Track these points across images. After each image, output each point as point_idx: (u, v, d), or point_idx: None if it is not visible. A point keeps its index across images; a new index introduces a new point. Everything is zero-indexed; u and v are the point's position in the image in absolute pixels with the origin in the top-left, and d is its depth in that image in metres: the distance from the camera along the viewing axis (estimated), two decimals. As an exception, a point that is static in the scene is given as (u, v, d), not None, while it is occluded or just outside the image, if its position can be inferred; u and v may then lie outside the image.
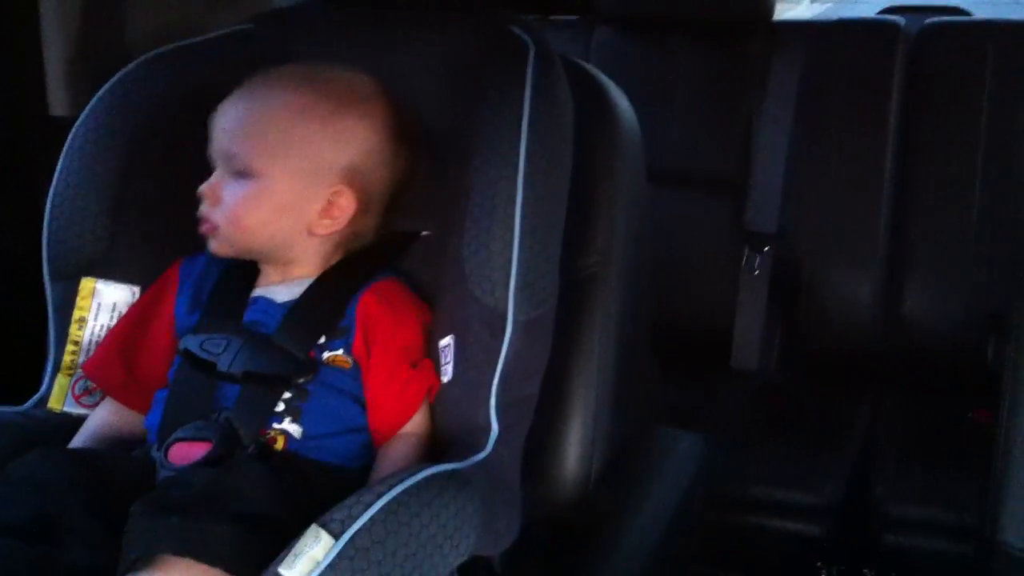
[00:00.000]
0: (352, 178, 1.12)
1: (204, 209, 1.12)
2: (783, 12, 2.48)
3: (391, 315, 1.11)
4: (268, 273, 1.16)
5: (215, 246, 1.13)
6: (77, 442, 1.14)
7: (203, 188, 1.12)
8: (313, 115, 1.10)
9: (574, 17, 2.45)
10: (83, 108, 1.26)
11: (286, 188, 1.10)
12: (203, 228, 1.13)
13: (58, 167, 1.22)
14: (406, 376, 1.08)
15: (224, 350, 1.08)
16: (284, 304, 1.12)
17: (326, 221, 1.12)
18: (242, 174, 1.10)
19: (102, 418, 1.17)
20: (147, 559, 0.86)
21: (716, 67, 2.29)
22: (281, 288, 1.14)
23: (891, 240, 2.12)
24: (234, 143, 1.10)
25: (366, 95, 1.14)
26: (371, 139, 1.13)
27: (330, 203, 1.12)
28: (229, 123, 1.11)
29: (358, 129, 1.12)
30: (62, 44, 1.50)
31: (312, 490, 0.98)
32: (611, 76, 1.29)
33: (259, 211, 1.10)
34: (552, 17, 2.35)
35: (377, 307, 1.11)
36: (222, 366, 1.07)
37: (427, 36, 1.23)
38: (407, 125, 1.16)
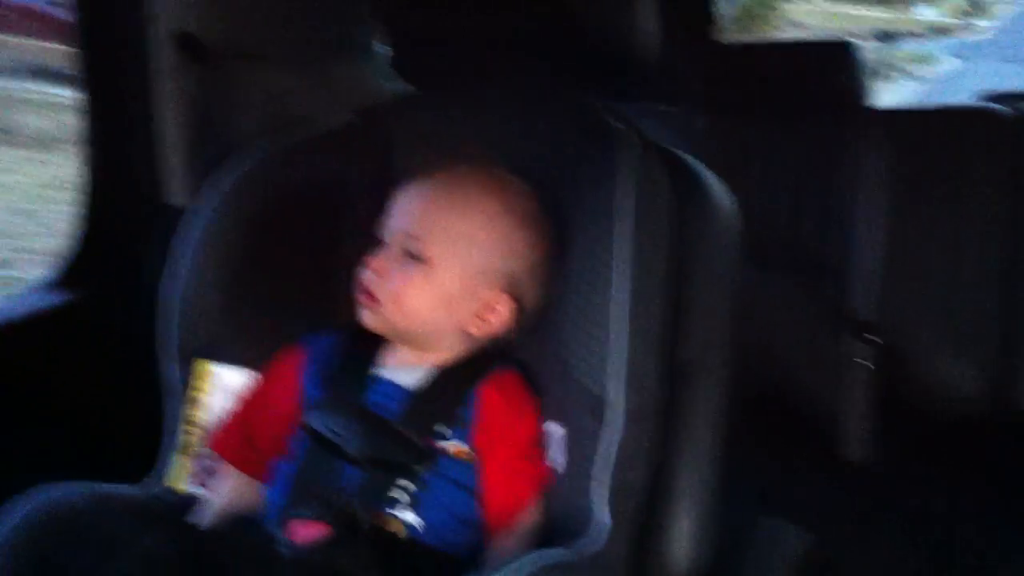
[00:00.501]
0: (514, 288, 1.15)
1: (368, 280, 1.15)
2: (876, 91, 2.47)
3: (509, 407, 1.12)
4: (396, 353, 1.18)
5: (368, 318, 1.16)
6: (197, 517, 1.18)
7: (371, 260, 1.15)
8: (499, 223, 1.14)
9: (661, 105, 2.48)
10: (196, 196, 1.32)
11: (454, 283, 1.13)
12: (362, 298, 1.15)
13: (175, 253, 1.27)
14: (521, 468, 1.10)
15: (349, 432, 1.10)
16: (407, 389, 1.14)
17: (479, 322, 1.15)
18: (415, 257, 1.13)
19: (226, 488, 1.20)
20: None
21: (811, 151, 2.30)
22: (405, 372, 1.16)
23: (1000, 327, 2.08)
24: (417, 226, 1.14)
25: (539, 215, 1.17)
26: (538, 258, 1.16)
27: (489, 306, 1.14)
28: (417, 208, 1.15)
29: (531, 246, 1.15)
30: (176, 133, 1.58)
31: (425, 578, 0.98)
32: (704, 162, 1.30)
33: (423, 297, 1.13)
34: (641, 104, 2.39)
35: (497, 398, 1.12)
36: (347, 448, 1.09)
37: (520, 126, 1.26)
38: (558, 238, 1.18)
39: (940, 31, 15.99)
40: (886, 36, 14.70)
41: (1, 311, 1.52)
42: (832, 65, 2.31)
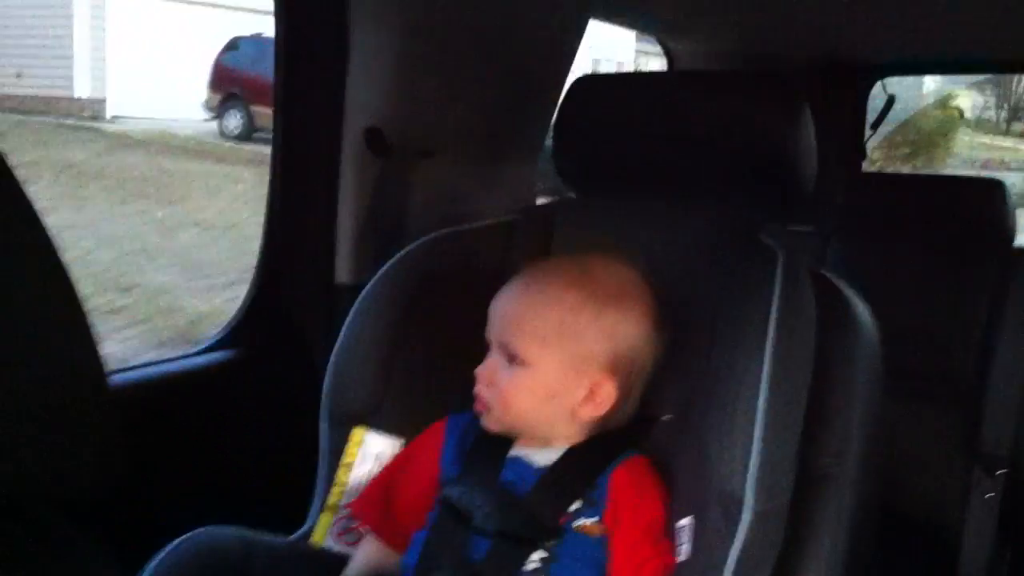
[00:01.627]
0: (615, 368, 1.19)
1: (479, 389, 1.22)
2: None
3: (640, 490, 1.16)
4: (528, 439, 1.24)
5: (486, 422, 1.22)
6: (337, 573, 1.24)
7: (479, 370, 1.22)
8: (583, 311, 1.18)
9: (810, 228, 2.52)
10: (363, 277, 1.42)
11: (554, 378, 1.18)
12: (476, 406, 1.22)
13: (344, 328, 1.37)
14: (648, 552, 1.13)
15: (481, 505, 1.16)
16: (539, 469, 1.20)
17: (588, 407, 1.19)
18: (515, 360, 1.19)
19: (366, 554, 1.27)
20: None
21: (952, 283, 2.30)
22: (538, 452, 1.21)
23: None
24: (510, 333, 1.20)
25: (630, 288, 1.22)
26: (633, 332, 1.20)
27: (593, 391, 1.19)
28: (506, 313, 1.21)
29: (623, 323, 1.19)
30: (352, 222, 1.70)
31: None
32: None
33: (529, 397, 1.19)
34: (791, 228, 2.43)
35: (629, 481, 1.17)
36: (477, 520, 1.15)
37: (678, 234, 1.33)
38: (663, 313, 1.23)
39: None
40: None
41: (175, 365, 1.63)
42: (981, 201, 2.33)
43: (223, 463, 1.57)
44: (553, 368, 1.18)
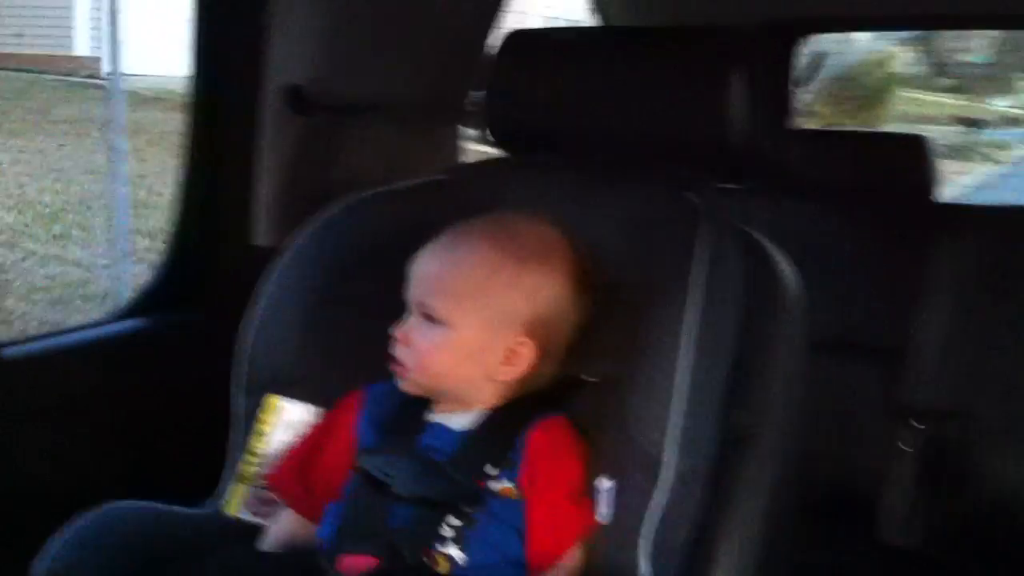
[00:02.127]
0: (535, 329, 1.17)
1: (396, 349, 1.19)
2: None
3: (557, 451, 1.15)
4: (446, 403, 1.22)
5: (403, 385, 1.20)
6: (259, 547, 1.22)
7: (395, 330, 1.19)
8: (503, 270, 1.16)
9: (737, 186, 2.52)
10: (282, 240, 1.38)
11: (472, 337, 1.16)
12: (393, 367, 1.20)
13: (261, 292, 1.33)
14: (566, 510, 1.12)
15: (399, 472, 1.14)
16: (458, 432, 1.18)
17: (507, 368, 1.17)
18: (433, 321, 1.17)
19: (281, 526, 1.24)
20: None
21: (877, 239, 2.31)
22: (456, 416, 1.20)
23: None
24: (427, 293, 1.18)
25: (552, 249, 1.20)
26: (555, 292, 1.18)
27: (512, 351, 1.17)
28: (424, 273, 1.19)
29: (544, 284, 1.17)
30: (271, 181, 1.65)
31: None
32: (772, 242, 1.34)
33: (446, 358, 1.17)
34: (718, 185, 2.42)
35: (545, 442, 1.15)
36: (395, 488, 1.13)
37: (608, 193, 1.31)
38: (588, 274, 1.21)
39: (1012, 121, 17.93)
40: (971, 123, 16.08)
41: (81, 335, 1.58)
42: (904, 156, 2.34)
43: (133, 435, 1.53)
44: (471, 328, 1.16)
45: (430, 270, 1.19)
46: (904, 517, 2.07)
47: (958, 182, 10.69)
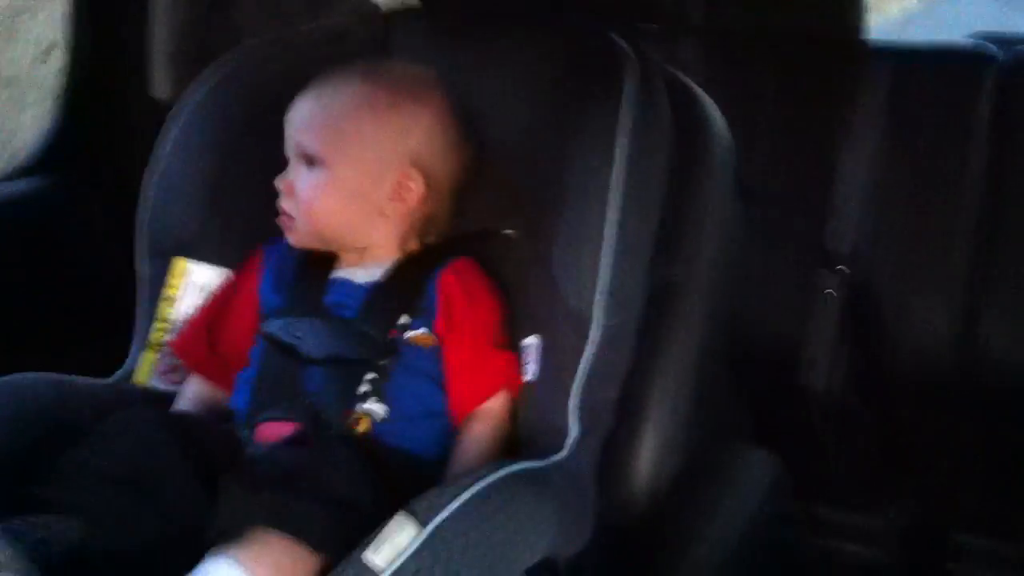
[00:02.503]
0: (418, 161, 1.15)
1: (281, 202, 1.16)
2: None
3: (471, 292, 1.13)
4: (347, 257, 1.18)
5: (293, 238, 1.17)
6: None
7: (278, 182, 1.16)
8: (376, 105, 1.14)
9: (659, 27, 2.45)
10: (181, 91, 1.29)
11: (354, 175, 1.13)
12: (280, 220, 1.16)
13: (158, 149, 1.25)
14: (487, 353, 1.11)
15: (307, 334, 1.10)
16: (364, 285, 1.15)
17: (396, 204, 1.15)
18: (312, 164, 1.13)
19: (191, 394, 1.20)
20: (237, 531, 0.89)
21: (801, 83, 2.27)
22: (361, 270, 1.16)
23: (972, 269, 2.09)
24: (303, 135, 1.14)
25: (425, 85, 1.18)
26: (432, 126, 1.16)
27: (399, 185, 1.14)
28: (299, 117, 1.15)
29: (419, 116, 1.15)
30: (167, 29, 1.55)
31: (392, 476, 0.99)
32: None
33: (330, 199, 1.13)
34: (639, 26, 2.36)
35: (457, 283, 1.13)
36: (305, 350, 1.10)
37: (521, 41, 1.25)
38: (464, 116, 1.19)
39: None
40: None
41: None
42: None
43: (32, 305, 1.45)
44: (352, 166, 1.13)
45: (305, 111, 1.16)
46: (827, 365, 2.10)
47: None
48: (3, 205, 1.50)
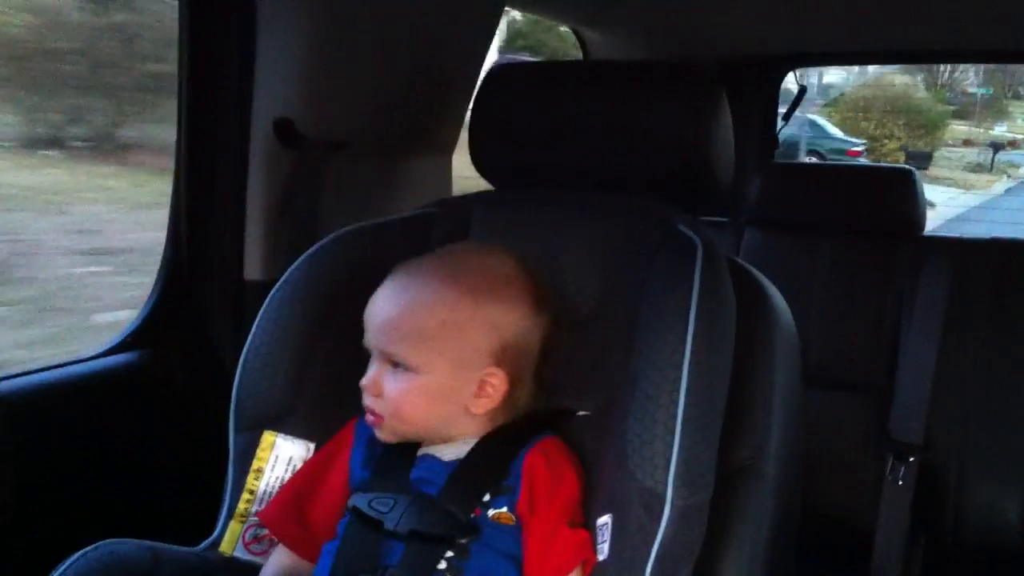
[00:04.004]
0: (502, 358, 1.17)
1: (367, 401, 1.19)
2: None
3: (555, 471, 1.15)
4: (431, 440, 1.21)
5: (382, 435, 1.20)
6: None
7: (364, 382, 1.19)
8: (460, 305, 1.16)
9: (724, 219, 2.54)
10: (275, 274, 1.37)
11: (441, 379, 1.16)
12: (368, 419, 1.20)
13: (253, 327, 1.31)
14: (566, 534, 1.12)
15: (391, 509, 1.13)
16: (450, 463, 1.17)
17: (481, 400, 1.17)
18: (399, 367, 1.17)
19: (277, 565, 1.23)
20: None
21: (864, 273, 2.32)
22: (448, 447, 1.19)
23: None
24: (389, 340, 1.17)
25: (504, 277, 1.20)
26: (515, 319, 1.18)
27: (483, 383, 1.17)
28: (382, 320, 1.18)
29: (503, 312, 1.17)
30: (263, 215, 1.64)
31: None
32: None
33: (419, 402, 1.16)
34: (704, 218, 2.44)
35: (542, 463, 1.15)
36: (389, 524, 1.12)
37: (593, 223, 1.31)
38: (544, 295, 1.21)
39: (1011, 143, 22.71)
40: (996, 147, 20.92)
41: (75, 368, 1.56)
42: (891, 190, 2.36)
43: (127, 473, 1.51)
44: (440, 369, 1.16)
45: (387, 316, 1.18)
46: (900, 554, 2.06)
47: (991, 191, 17.43)
48: (106, 376, 1.56)
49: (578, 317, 1.26)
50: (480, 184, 1.48)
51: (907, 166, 2.49)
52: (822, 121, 16.93)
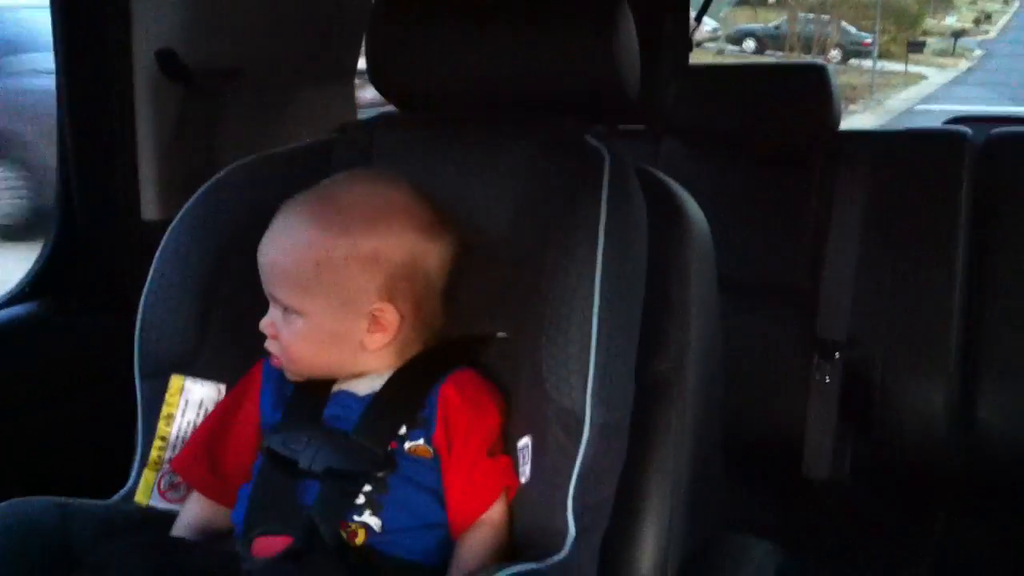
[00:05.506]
0: (391, 291, 1.14)
1: (268, 344, 1.17)
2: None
3: (472, 404, 1.13)
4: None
5: (288, 376, 1.18)
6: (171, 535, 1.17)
7: (262, 324, 1.17)
8: (336, 248, 1.12)
9: (641, 127, 2.51)
10: (172, 213, 1.32)
11: (325, 321, 1.14)
12: (272, 361, 1.18)
13: (151, 269, 1.26)
14: (486, 465, 1.10)
15: (305, 447, 1.10)
16: (364, 397, 1.15)
17: (376, 336, 1.15)
18: (287, 311, 1.14)
19: (193, 512, 1.20)
20: None
21: (783, 178, 2.32)
22: (362, 382, 1.17)
23: (963, 349, 2.10)
24: (275, 285, 1.15)
25: (389, 206, 1.16)
26: (402, 250, 1.14)
27: (375, 319, 1.14)
28: (268, 264, 1.16)
29: (384, 246, 1.13)
30: (155, 153, 1.58)
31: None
32: (678, 183, 1.32)
33: (311, 346, 1.14)
34: (620, 127, 2.40)
35: (458, 396, 1.13)
36: (303, 463, 1.10)
37: (501, 142, 1.28)
38: (440, 218, 1.18)
39: (957, 33, 26.95)
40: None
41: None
42: (805, 86, 2.34)
43: (32, 427, 1.46)
44: (323, 312, 1.13)
45: (269, 259, 1.16)
46: (829, 452, 2.09)
47: (959, 68, 22.78)
48: (5, 329, 1.51)
49: (489, 239, 1.23)
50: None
51: (818, 62, 2.48)
52: (844, 24, 22.38)
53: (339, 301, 1.13)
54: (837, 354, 2.12)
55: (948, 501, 2.07)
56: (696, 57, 2.80)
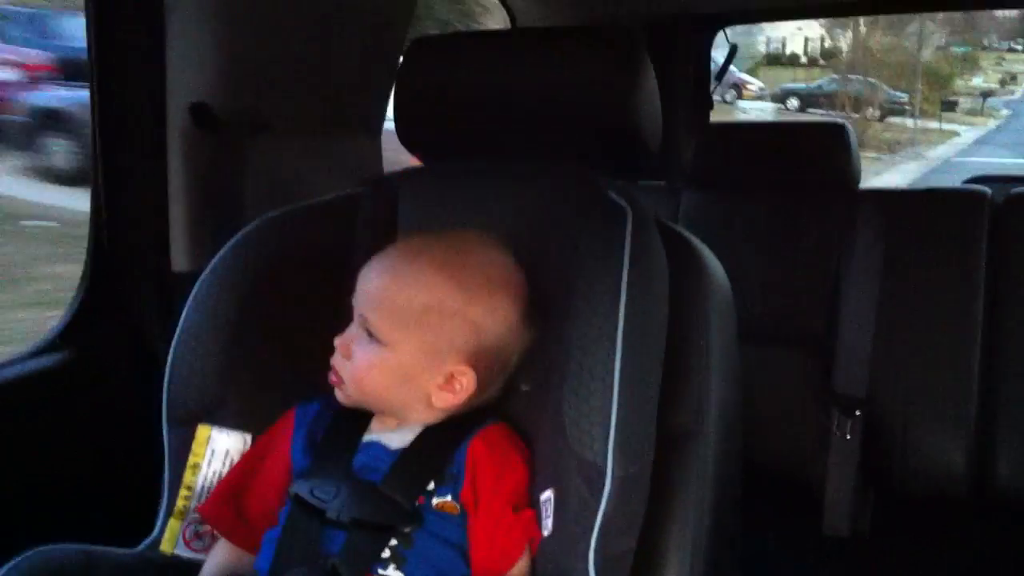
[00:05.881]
0: (476, 360, 1.15)
1: (334, 359, 1.17)
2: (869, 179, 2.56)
3: (500, 460, 1.13)
4: (383, 417, 1.19)
5: (339, 396, 1.18)
6: None
7: (338, 340, 1.17)
8: (448, 300, 1.14)
9: (661, 183, 2.53)
10: (202, 264, 1.34)
11: (410, 362, 1.14)
12: (331, 378, 1.18)
13: (181, 319, 1.28)
14: (511, 521, 1.10)
15: (334, 497, 1.11)
16: (394, 450, 1.16)
17: (445, 395, 1.16)
18: (373, 337, 1.15)
19: (217, 560, 1.20)
20: None
21: (802, 230, 2.33)
22: (393, 435, 1.17)
23: (983, 405, 2.09)
24: (371, 309, 1.16)
25: (502, 281, 1.18)
26: (500, 325, 1.16)
27: (451, 378, 1.15)
28: (372, 287, 1.16)
29: (489, 317, 1.15)
30: (186, 204, 1.60)
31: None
32: (697, 237, 1.33)
33: (382, 377, 1.15)
34: (642, 183, 2.43)
35: (487, 453, 1.13)
36: (331, 513, 1.10)
37: (526, 194, 1.29)
38: (532, 310, 1.19)
39: (985, 94, 28.13)
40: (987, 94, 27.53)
41: (2, 373, 1.52)
42: (825, 145, 2.36)
43: (60, 475, 1.47)
44: (410, 352, 1.14)
45: (376, 285, 1.16)
46: (850, 507, 2.08)
47: (987, 127, 24.06)
48: (33, 380, 1.52)
49: None
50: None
51: (840, 121, 2.50)
52: (879, 83, 23.20)
53: (429, 348, 1.14)
54: (858, 412, 2.12)
55: (969, 557, 2.04)
56: (736, 116, 2.87)
